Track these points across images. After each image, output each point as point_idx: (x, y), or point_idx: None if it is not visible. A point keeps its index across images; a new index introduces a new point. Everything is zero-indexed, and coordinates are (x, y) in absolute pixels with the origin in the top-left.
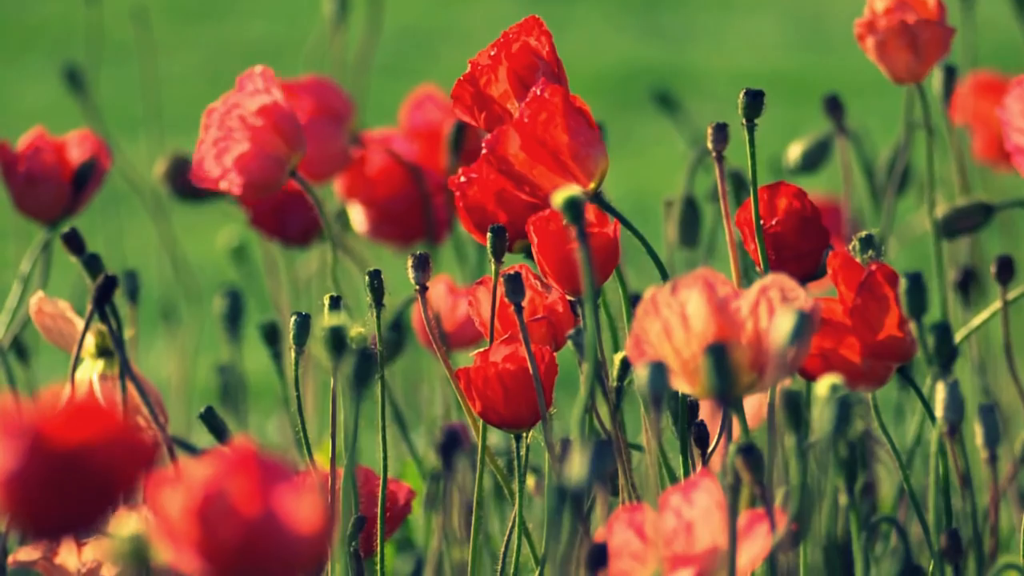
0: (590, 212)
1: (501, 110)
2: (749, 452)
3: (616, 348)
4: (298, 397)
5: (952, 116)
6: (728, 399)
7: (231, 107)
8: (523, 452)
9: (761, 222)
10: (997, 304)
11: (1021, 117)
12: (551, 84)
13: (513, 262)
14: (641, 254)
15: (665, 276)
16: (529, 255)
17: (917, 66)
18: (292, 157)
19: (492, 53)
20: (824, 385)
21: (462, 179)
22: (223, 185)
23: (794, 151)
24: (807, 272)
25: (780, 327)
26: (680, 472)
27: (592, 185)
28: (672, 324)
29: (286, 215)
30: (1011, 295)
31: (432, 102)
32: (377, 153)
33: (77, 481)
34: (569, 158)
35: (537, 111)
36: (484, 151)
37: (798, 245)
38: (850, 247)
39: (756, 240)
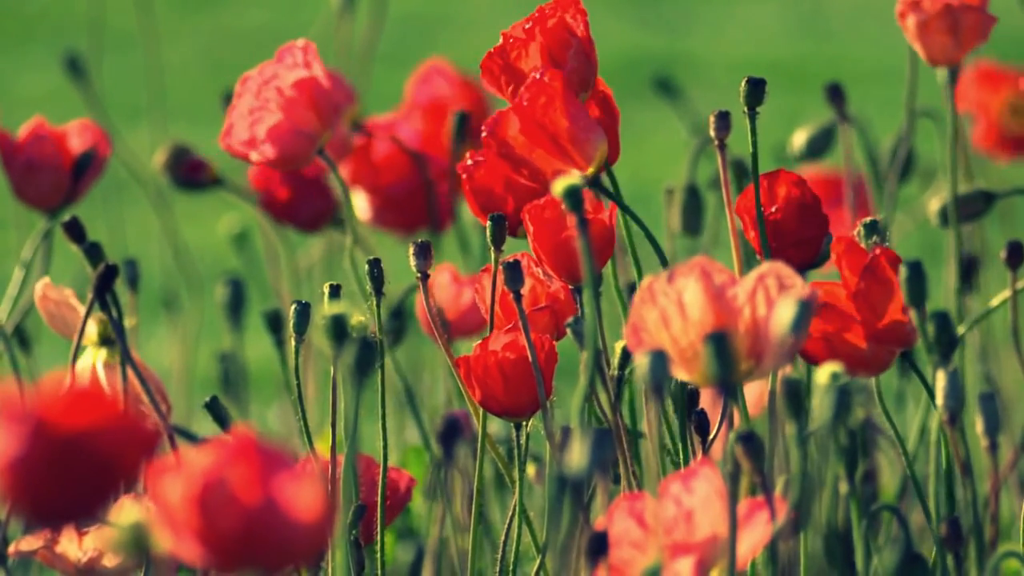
0: (586, 199)
1: None
2: (749, 440)
3: (617, 336)
4: (299, 385)
5: (957, 104)
6: (727, 387)
7: (269, 78)
8: (523, 440)
9: (761, 210)
10: (1006, 292)
11: None
12: (550, 68)
13: (517, 249)
14: (643, 240)
15: (665, 263)
16: None
17: (955, 50)
18: (324, 134)
19: (526, 27)
20: (824, 373)
21: (469, 162)
22: (253, 155)
23: (798, 138)
24: (807, 259)
25: (781, 315)
26: (681, 460)
27: (591, 169)
28: (669, 312)
29: (297, 200)
30: (1019, 284)
31: (440, 75)
32: (382, 140)
33: (79, 467)
34: (568, 142)
35: (536, 95)
36: (484, 134)
37: (798, 232)
38: (854, 232)
39: (756, 228)
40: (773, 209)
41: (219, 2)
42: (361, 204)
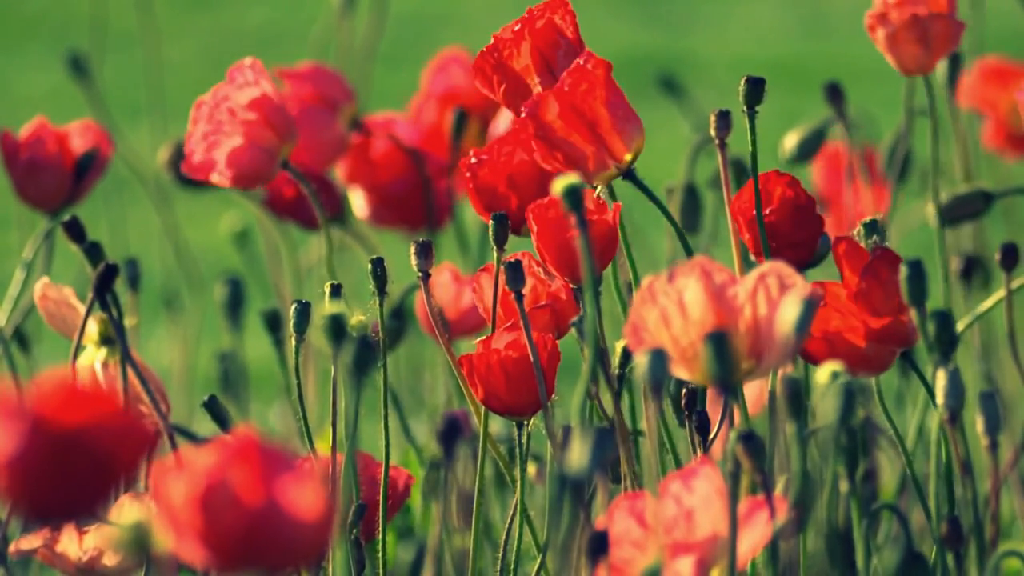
0: (589, 200)
1: (522, 85)
2: (749, 439)
3: (618, 335)
4: (299, 385)
5: (958, 103)
6: (727, 386)
7: (220, 100)
8: (524, 439)
9: (761, 209)
10: (1001, 292)
11: None
12: (595, 56)
13: (517, 248)
14: (643, 240)
15: (690, 252)
16: None
17: (926, 59)
18: (283, 148)
19: (516, 28)
20: (825, 372)
21: (473, 160)
22: (214, 178)
23: (790, 140)
24: (801, 261)
25: (785, 315)
26: (681, 459)
27: (627, 158)
28: (670, 312)
29: (302, 197)
30: (1015, 283)
31: (457, 65)
32: (380, 138)
33: (77, 464)
34: (605, 131)
35: (578, 81)
36: (523, 114)
37: (792, 234)
38: (854, 232)
39: (751, 229)
40: (767, 211)
41: (221, 1)
42: (359, 202)
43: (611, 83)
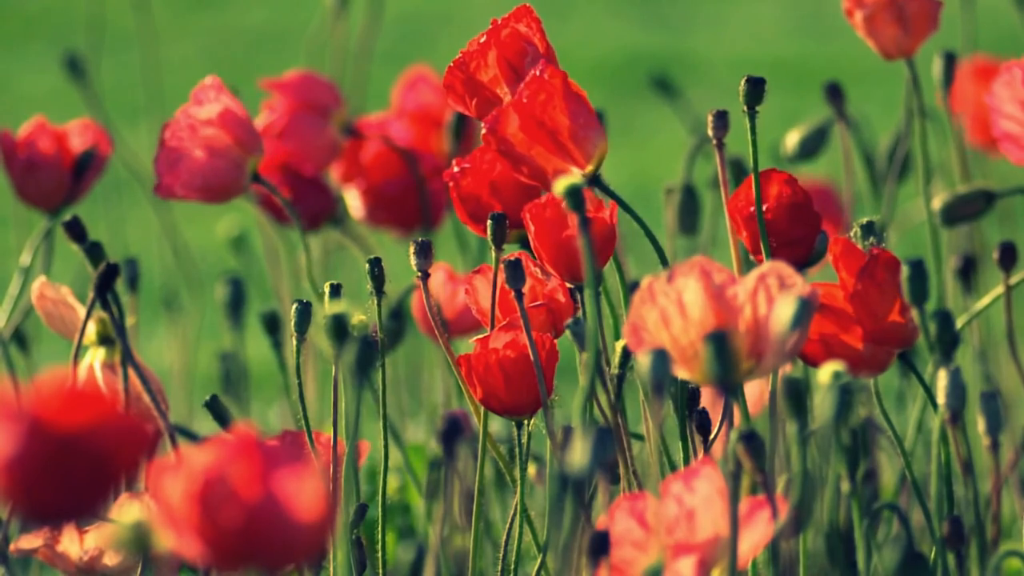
0: (588, 199)
1: (492, 95)
2: (750, 439)
3: (617, 335)
4: (299, 385)
5: (952, 103)
6: (728, 386)
7: (185, 120)
8: (524, 439)
9: (755, 209)
10: (999, 289)
11: (1010, 103)
12: (551, 66)
13: (512, 250)
14: (641, 241)
15: (665, 262)
16: (524, 245)
17: (906, 41)
18: (249, 160)
19: (482, 40)
20: (826, 372)
21: (456, 169)
22: (181, 193)
23: (792, 139)
24: (799, 258)
25: (780, 314)
26: (681, 460)
27: (590, 167)
28: (669, 312)
29: (296, 199)
30: (1013, 280)
31: (425, 83)
32: (373, 139)
33: (76, 465)
34: (567, 139)
35: (536, 92)
36: (484, 131)
37: (789, 231)
38: (851, 233)
39: (748, 227)
40: (764, 208)
41: (219, 1)
42: (354, 203)
43: (569, 92)
